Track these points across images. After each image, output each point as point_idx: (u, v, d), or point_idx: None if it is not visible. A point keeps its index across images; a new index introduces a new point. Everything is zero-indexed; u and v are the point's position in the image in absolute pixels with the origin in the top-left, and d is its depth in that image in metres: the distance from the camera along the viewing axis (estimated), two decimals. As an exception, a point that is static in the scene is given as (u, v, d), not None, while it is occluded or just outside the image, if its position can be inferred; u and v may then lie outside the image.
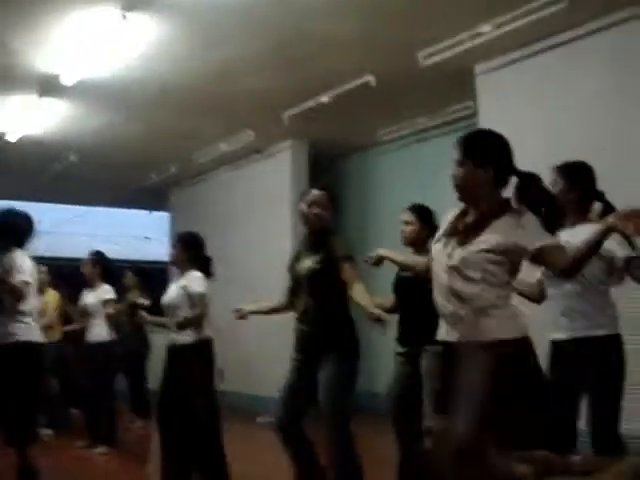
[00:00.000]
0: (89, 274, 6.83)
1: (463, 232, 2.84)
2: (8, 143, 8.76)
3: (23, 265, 4.61)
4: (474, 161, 2.82)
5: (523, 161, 2.97)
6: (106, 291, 6.75)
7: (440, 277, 2.87)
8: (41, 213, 15.75)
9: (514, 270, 2.85)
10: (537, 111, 6.08)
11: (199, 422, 4.86)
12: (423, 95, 7.37)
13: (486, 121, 6.37)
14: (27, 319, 4.66)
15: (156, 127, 8.55)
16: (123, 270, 8.29)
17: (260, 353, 9.24)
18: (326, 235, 4.11)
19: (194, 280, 4.95)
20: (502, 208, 2.83)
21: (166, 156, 9.93)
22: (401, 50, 6.20)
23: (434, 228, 4.36)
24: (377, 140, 8.87)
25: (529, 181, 2.87)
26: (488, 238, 2.75)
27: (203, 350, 4.94)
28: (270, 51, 6.27)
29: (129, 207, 14.79)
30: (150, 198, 12.29)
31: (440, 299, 2.89)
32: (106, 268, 6.92)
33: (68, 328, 7.94)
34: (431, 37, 5.99)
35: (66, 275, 8.74)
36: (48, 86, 6.96)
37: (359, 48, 6.22)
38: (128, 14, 5.34)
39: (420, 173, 8.48)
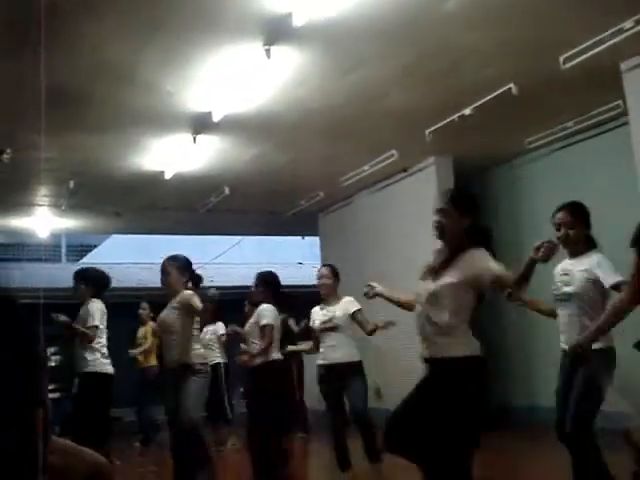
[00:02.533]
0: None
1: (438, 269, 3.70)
2: (165, 180, 9.28)
3: (96, 312, 5.68)
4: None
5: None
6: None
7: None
8: (198, 245, 16.44)
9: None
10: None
11: None
12: (568, 99, 7.20)
13: (637, 118, 6.15)
14: (95, 354, 5.66)
15: (303, 154, 8.81)
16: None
17: (420, 369, 9.20)
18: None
19: (263, 311, 5.70)
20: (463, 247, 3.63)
21: (314, 182, 10.18)
22: (542, 54, 6.11)
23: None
24: (523, 149, 8.71)
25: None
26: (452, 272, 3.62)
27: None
28: (408, 68, 6.34)
29: (281, 234, 15.13)
30: (301, 224, 12.60)
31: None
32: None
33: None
34: (572, 38, 5.88)
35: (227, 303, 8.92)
36: (201, 124, 7.35)
37: (498, 57, 6.17)
38: (271, 47, 5.61)
39: (569, 178, 8.24)
